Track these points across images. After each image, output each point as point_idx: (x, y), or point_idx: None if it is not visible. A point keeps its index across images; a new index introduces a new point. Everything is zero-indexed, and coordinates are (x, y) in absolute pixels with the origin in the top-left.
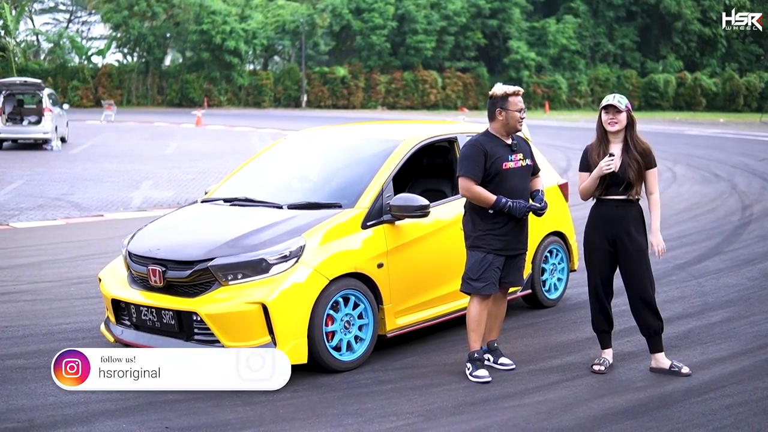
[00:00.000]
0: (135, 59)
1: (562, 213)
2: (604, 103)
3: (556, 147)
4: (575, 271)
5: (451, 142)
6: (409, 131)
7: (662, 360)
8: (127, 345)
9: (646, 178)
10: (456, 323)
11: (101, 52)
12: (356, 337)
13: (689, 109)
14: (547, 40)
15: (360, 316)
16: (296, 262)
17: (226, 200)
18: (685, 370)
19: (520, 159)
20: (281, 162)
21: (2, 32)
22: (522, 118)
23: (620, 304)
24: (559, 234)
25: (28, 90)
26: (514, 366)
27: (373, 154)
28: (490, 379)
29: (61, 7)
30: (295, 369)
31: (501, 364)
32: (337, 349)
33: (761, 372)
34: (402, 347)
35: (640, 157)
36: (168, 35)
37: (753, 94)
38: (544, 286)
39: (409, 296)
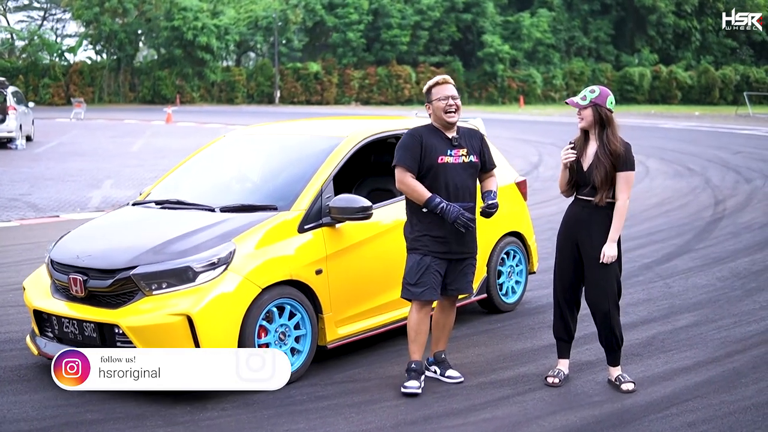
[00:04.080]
0: (106, 56)
1: (520, 212)
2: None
3: (529, 142)
4: (534, 273)
5: (399, 138)
6: (353, 127)
7: (612, 372)
8: (50, 359)
9: (615, 181)
10: (403, 332)
11: (72, 50)
12: (293, 349)
13: (664, 103)
14: (522, 33)
15: (297, 327)
16: (225, 269)
17: (157, 203)
18: (625, 386)
19: (462, 155)
20: (219, 161)
21: None
22: (450, 105)
23: (582, 307)
24: (516, 234)
25: None
26: (462, 379)
27: (314, 152)
28: (419, 390)
29: (36, 4)
30: None
31: (448, 377)
32: None
33: (727, 383)
34: (344, 359)
35: (609, 159)
36: (140, 32)
37: (728, 87)
38: (500, 290)
39: (352, 304)
